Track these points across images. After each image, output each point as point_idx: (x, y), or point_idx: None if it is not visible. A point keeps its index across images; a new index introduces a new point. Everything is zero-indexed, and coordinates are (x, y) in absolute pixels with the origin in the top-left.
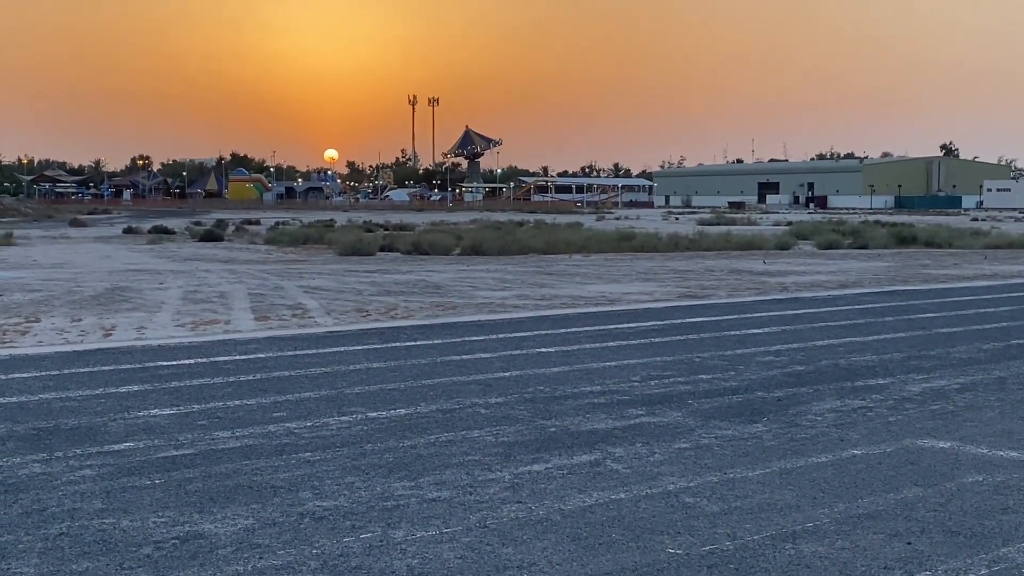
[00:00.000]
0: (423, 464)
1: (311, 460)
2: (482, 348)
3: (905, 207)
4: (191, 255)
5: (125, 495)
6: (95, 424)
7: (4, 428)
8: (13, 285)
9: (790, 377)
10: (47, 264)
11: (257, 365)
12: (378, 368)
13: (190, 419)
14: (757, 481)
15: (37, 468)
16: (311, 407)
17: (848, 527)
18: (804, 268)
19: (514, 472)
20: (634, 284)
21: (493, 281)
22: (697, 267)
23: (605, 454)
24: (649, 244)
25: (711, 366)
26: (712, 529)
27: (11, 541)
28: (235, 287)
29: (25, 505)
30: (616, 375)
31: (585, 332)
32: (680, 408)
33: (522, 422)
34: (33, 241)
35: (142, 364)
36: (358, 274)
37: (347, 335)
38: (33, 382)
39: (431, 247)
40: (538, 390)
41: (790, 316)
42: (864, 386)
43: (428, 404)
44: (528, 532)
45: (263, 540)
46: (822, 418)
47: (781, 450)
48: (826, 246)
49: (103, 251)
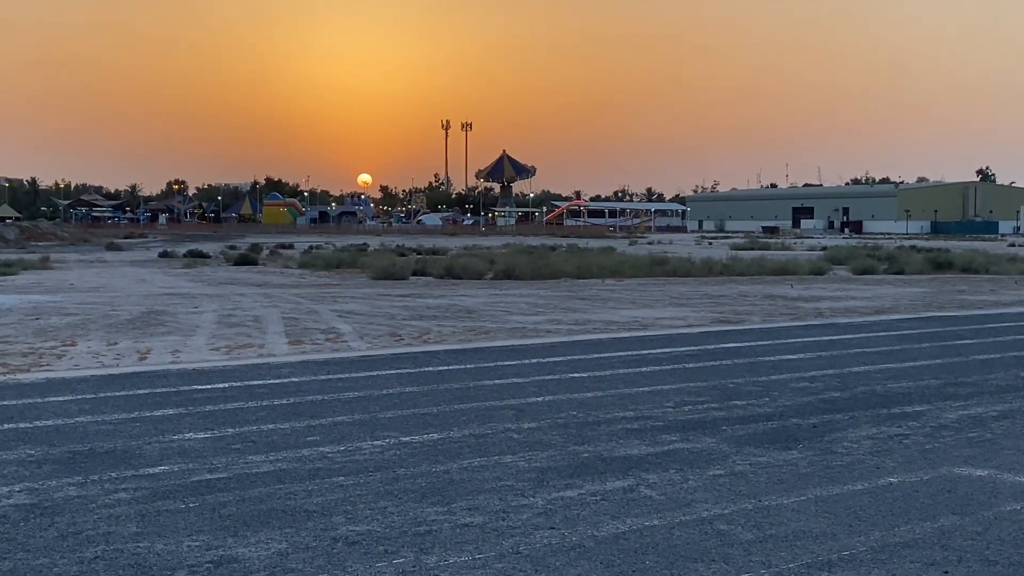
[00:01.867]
0: (456, 489)
1: (344, 484)
2: (515, 373)
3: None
4: (226, 279)
5: (160, 519)
6: (130, 447)
7: (40, 451)
8: (50, 308)
9: (825, 403)
10: (83, 288)
11: (291, 389)
12: (411, 392)
13: (224, 443)
14: (792, 508)
15: (72, 491)
16: (344, 431)
17: (884, 556)
18: (839, 293)
19: (547, 498)
20: (667, 309)
21: (526, 306)
22: (731, 292)
23: (639, 480)
24: (682, 269)
25: (745, 392)
26: (747, 557)
27: (46, 564)
28: (269, 311)
29: (60, 528)
30: (649, 401)
31: (618, 357)
32: (714, 434)
33: (555, 447)
34: (70, 265)
35: (177, 388)
36: (391, 298)
37: (380, 359)
38: (69, 405)
39: (464, 271)
40: (571, 415)
41: (825, 342)
42: (900, 413)
43: (461, 429)
44: (561, 558)
45: (296, 564)
46: (858, 445)
47: (816, 477)
48: (861, 271)
49: (139, 275)
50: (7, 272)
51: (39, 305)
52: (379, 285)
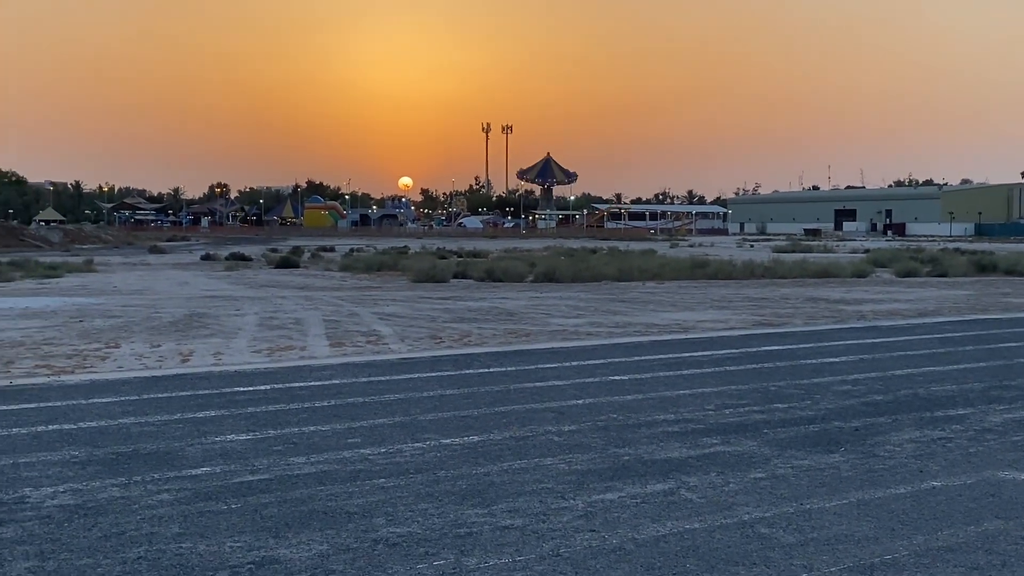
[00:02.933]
0: (496, 491)
1: (385, 486)
2: (555, 375)
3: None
4: (267, 281)
5: (202, 519)
6: (173, 449)
7: (84, 452)
8: (94, 311)
9: (868, 407)
10: (127, 290)
11: (332, 391)
12: (451, 395)
13: (266, 444)
14: (834, 512)
15: (116, 492)
16: (385, 433)
17: (927, 560)
18: (882, 296)
19: (587, 500)
20: (708, 312)
21: (566, 308)
22: (772, 295)
23: (679, 483)
24: (723, 271)
25: (787, 395)
26: (788, 560)
27: (90, 564)
28: (310, 313)
29: (104, 529)
30: (690, 403)
31: (659, 360)
32: (755, 437)
33: (595, 450)
34: (113, 267)
35: (219, 389)
36: (431, 301)
37: (421, 362)
38: (113, 407)
39: (504, 274)
40: (611, 418)
41: (868, 345)
42: (944, 416)
43: (501, 431)
44: (601, 561)
45: (337, 566)
46: (901, 449)
47: (859, 481)
48: (904, 274)
49: (181, 277)
50: (52, 275)
51: (83, 307)
52: (420, 288)
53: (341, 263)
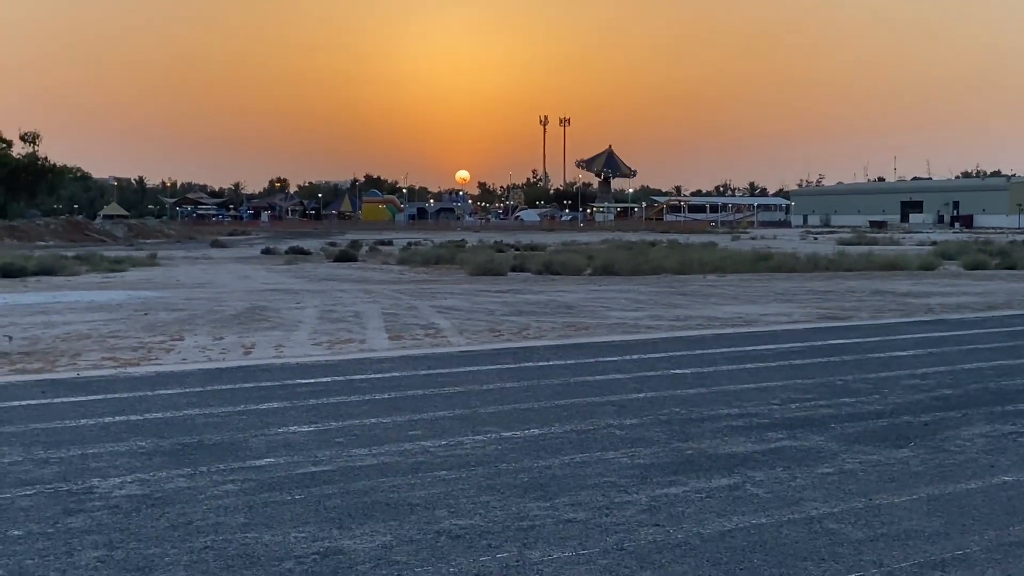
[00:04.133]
0: (558, 485)
1: (446, 479)
2: (616, 369)
3: None
4: (326, 275)
5: (267, 510)
6: (237, 440)
7: (151, 443)
8: (158, 304)
9: (937, 401)
10: (189, 284)
11: (392, 384)
12: (511, 388)
13: (328, 436)
14: (904, 507)
15: (182, 483)
16: (445, 426)
17: (999, 555)
18: (949, 289)
19: (651, 495)
20: (771, 305)
21: (626, 301)
22: (837, 288)
23: (744, 478)
24: (787, 264)
25: (854, 389)
26: (857, 556)
27: (158, 554)
28: (369, 307)
29: (171, 519)
30: (754, 398)
31: (721, 353)
32: (822, 432)
33: (658, 444)
34: (176, 262)
35: (281, 381)
36: (489, 294)
37: (480, 355)
38: (178, 398)
39: (562, 267)
40: (673, 412)
41: (936, 338)
42: (1015, 411)
43: (562, 424)
44: (667, 556)
45: (401, 557)
46: (971, 443)
47: (928, 476)
48: (972, 266)
49: (242, 271)
50: (117, 269)
51: (147, 301)
52: (477, 281)
53: (399, 257)
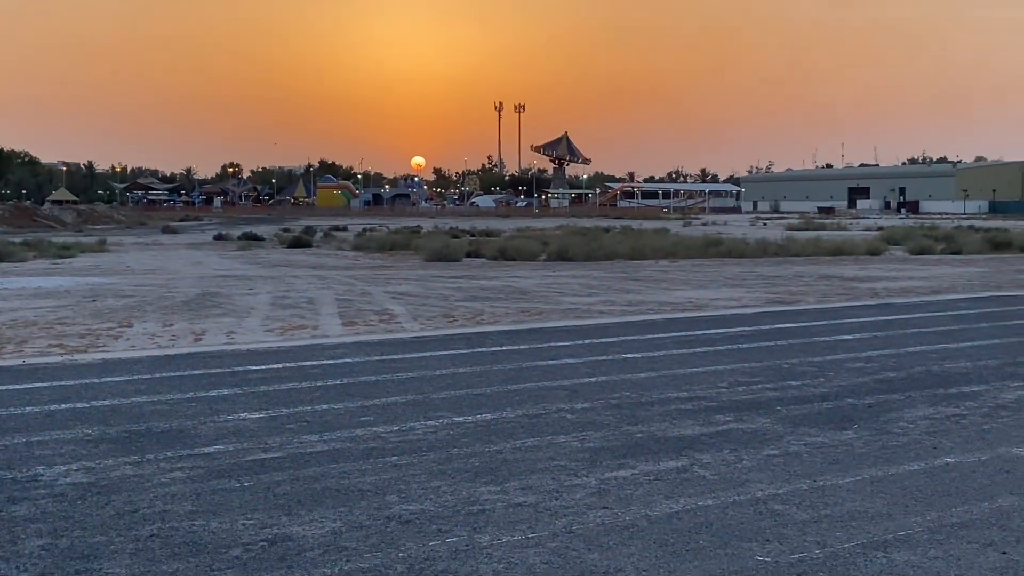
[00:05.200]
0: (509, 469)
1: (398, 464)
2: (568, 353)
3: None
4: (280, 261)
5: (215, 497)
6: (186, 427)
7: (97, 431)
8: (106, 291)
9: (881, 384)
10: (139, 270)
11: (344, 370)
12: (464, 373)
13: (279, 423)
14: (848, 489)
15: (129, 470)
16: (398, 411)
17: (941, 536)
18: (895, 274)
19: (600, 478)
20: (722, 290)
21: (579, 287)
22: (786, 273)
23: (692, 460)
24: (737, 250)
25: (800, 372)
26: (802, 537)
27: (103, 542)
28: (323, 293)
29: (117, 507)
30: (703, 381)
31: (672, 338)
32: (769, 414)
33: (608, 427)
34: (126, 247)
35: (232, 368)
36: (444, 280)
37: (433, 340)
38: (126, 386)
39: (517, 253)
40: (624, 396)
41: (881, 322)
42: (958, 393)
43: (514, 409)
44: (615, 538)
45: (350, 543)
46: (914, 425)
47: (872, 458)
48: (918, 251)
49: (194, 257)
50: (65, 255)
51: (96, 287)
52: (432, 267)
53: (353, 243)
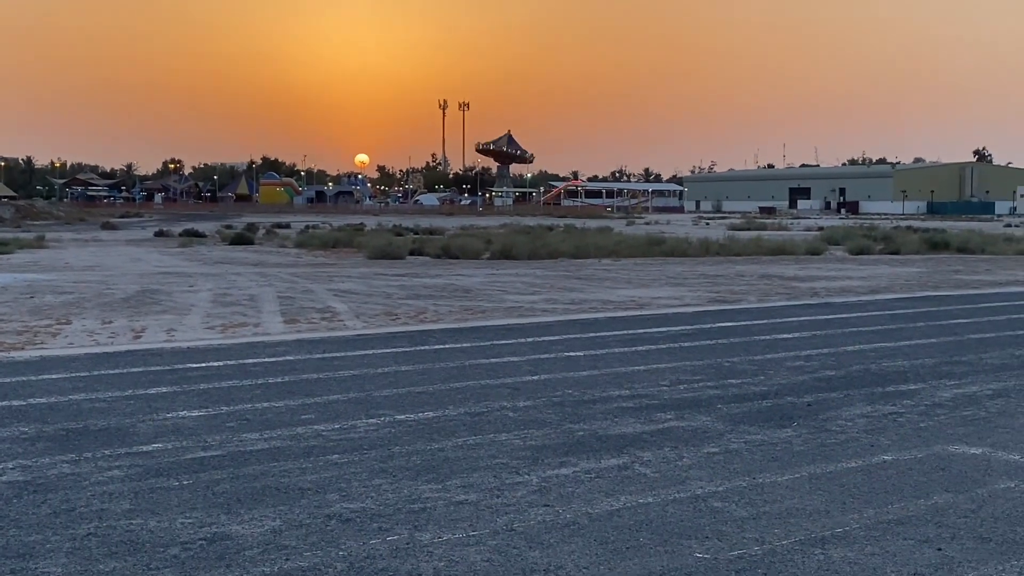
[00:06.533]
0: (450, 467)
1: (339, 462)
2: (511, 352)
3: (938, 213)
4: (221, 258)
5: (153, 496)
6: (124, 425)
7: (34, 429)
8: (44, 287)
9: (820, 382)
10: (78, 267)
11: (286, 368)
12: (406, 371)
13: (218, 421)
14: (786, 486)
15: (66, 468)
16: (339, 409)
17: (878, 533)
18: (835, 273)
19: (541, 475)
20: (664, 289)
21: (522, 285)
22: (727, 272)
23: (633, 458)
24: (679, 249)
25: (740, 371)
26: (740, 534)
27: (39, 541)
28: (264, 290)
29: (54, 505)
30: (645, 379)
31: (614, 336)
32: (709, 412)
33: (550, 425)
34: (65, 244)
35: (171, 366)
36: (387, 278)
37: (376, 338)
38: (63, 383)
39: (461, 251)
40: (566, 394)
41: (821, 321)
42: (895, 391)
43: (456, 407)
44: (555, 535)
45: (290, 542)
46: (852, 423)
47: (811, 455)
48: (857, 251)
49: (134, 254)
50: (2, 250)
51: (34, 284)
52: (375, 265)
53: (296, 240)
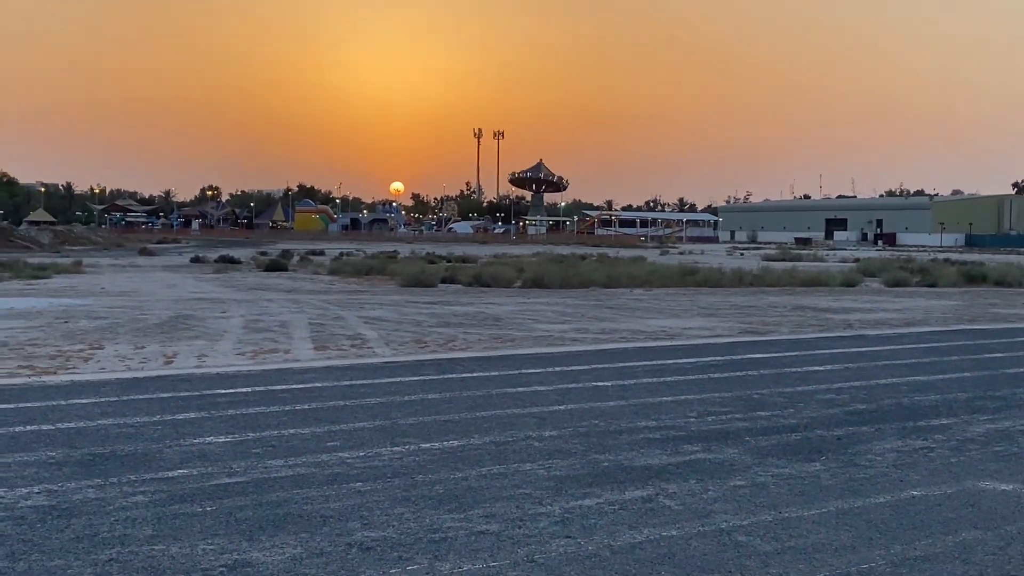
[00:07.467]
0: (473, 496)
1: (362, 490)
2: (538, 381)
3: (975, 245)
4: (255, 284)
5: (176, 522)
6: (151, 450)
7: (61, 453)
8: (79, 312)
9: (851, 415)
10: (114, 292)
11: (313, 394)
12: (433, 399)
13: (244, 447)
14: (812, 521)
15: (91, 493)
16: (364, 437)
17: (904, 569)
18: (870, 306)
19: (565, 506)
20: (695, 319)
21: (553, 314)
22: (760, 303)
23: (658, 490)
24: (712, 279)
25: (770, 403)
26: (764, 569)
27: (61, 566)
28: (296, 316)
29: (77, 530)
30: (672, 410)
31: (643, 367)
32: (737, 445)
33: (575, 456)
34: (102, 269)
35: (200, 392)
36: (418, 305)
37: (404, 366)
38: (92, 408)
39: (492, 279)
40: (593, 424)
41: (853, 354)
42: (927, 426)
43: (481, 436)
44: (576, 568)
45: (310, 570)
46: (882, 458)
47: (839, 490)
48: (893, 283)
49: (170, 280)
50: (40, 276)
51: (69, 308)
52: (407, 292)
53: (329, 267)
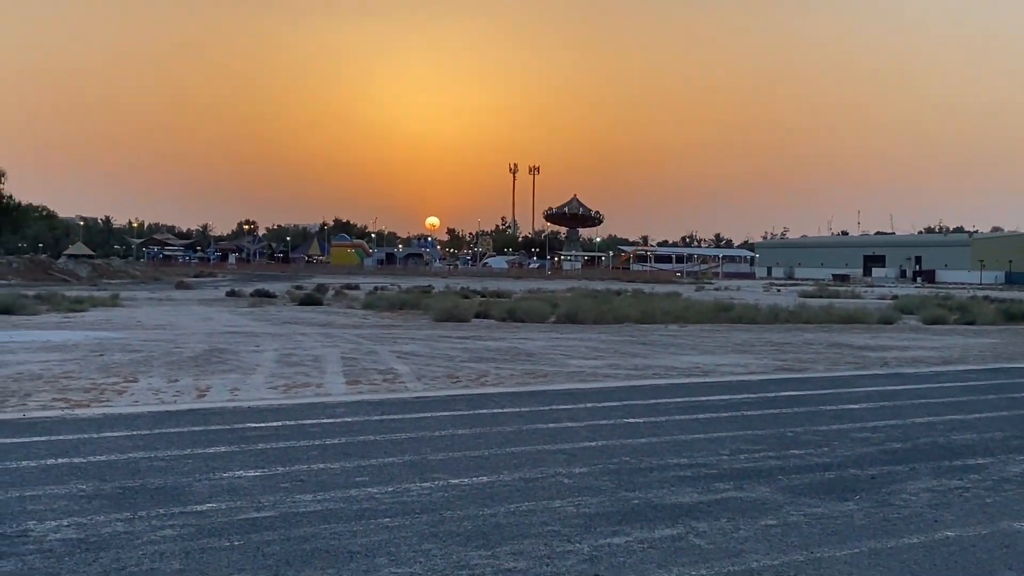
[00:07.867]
0: (502, 533)
1: (390, 526)
2: (569, 417)
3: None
4: (290, 318)
5: (203, 556)
6: (180, 484)
7: (91, 486)
8: (115, 345)
9: (886, 454)
10: (150, 325)
11: (344, 429)
12: (463, 434)
13: (274, 481)
14: (844, 561)
15: (120, 527)
16: (394, 472)
17: None
18: (907, 343)
19: (593, 544)
20: (729, 356)
21: (586, 350)
22: (796, 340)
23: (688, 528)
24: (747, 315)
25: (804, 441)
26: None
27: None
28: (329, 351)
29: (104, 564)
30: (704, 448)
31: (675, 403)
32: (769, 483)
33: (605, 493)
34: (139, 302)
35: (231, 425)
36: (451, 340)
37: (435, 401)
38: (124, 441)
39: (526, 314)
40: (624, 461)
41: (889, 392)
42: (963, 465)
43: (511, 472)
44: None
45: None
46: (917, 497)
47: (872, 529)
48: (931, 321)
49: (205, 313)
50: (77, 309)
51: (105, 341)
52: (441, 327)
53: (364, 301)
